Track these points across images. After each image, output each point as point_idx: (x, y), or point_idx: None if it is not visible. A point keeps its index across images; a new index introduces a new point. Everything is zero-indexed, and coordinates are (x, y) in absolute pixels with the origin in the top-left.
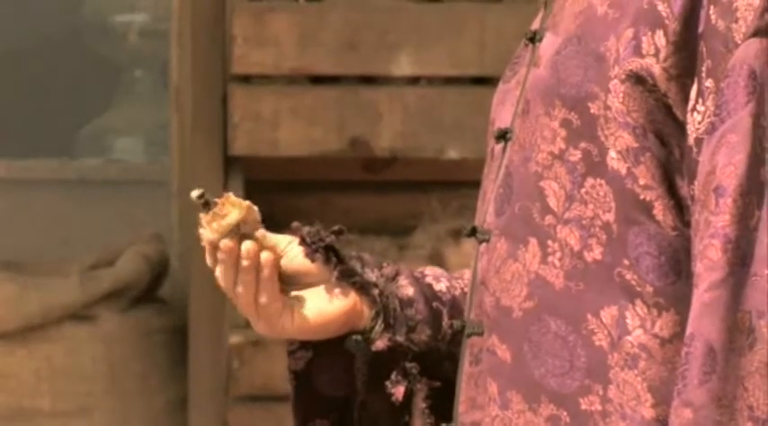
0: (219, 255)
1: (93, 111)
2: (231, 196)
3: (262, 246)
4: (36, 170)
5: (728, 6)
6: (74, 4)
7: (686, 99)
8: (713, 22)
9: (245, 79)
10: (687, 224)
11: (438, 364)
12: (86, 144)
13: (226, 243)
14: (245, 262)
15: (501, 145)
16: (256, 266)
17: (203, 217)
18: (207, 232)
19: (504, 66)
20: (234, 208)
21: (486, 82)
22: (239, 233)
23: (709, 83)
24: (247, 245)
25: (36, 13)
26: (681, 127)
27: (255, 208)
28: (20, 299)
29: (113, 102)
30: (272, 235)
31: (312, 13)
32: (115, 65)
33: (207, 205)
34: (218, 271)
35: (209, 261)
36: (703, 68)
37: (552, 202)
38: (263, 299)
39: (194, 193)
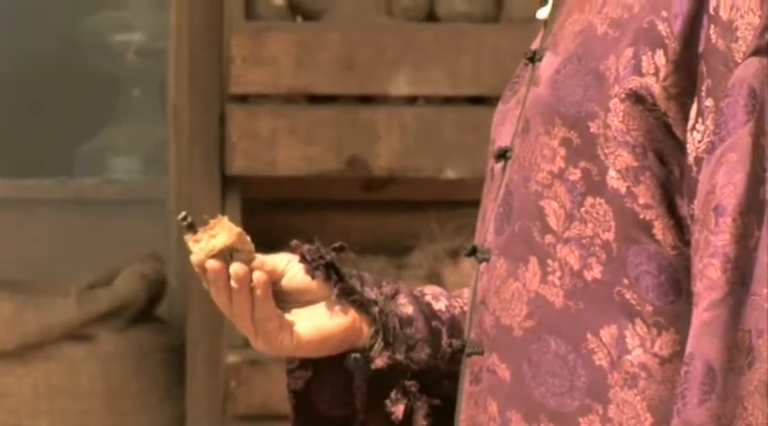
0: (208, 277)
1: (91, 131)
2: (224, 219)
3: (255, 268)
4: (34, 189)
5: (728, 26)
6: (72, 23)
7: (686, 118)
8: (713, 41)
9: (243, 98)
10: (687, 243)
11: (437, 382)
12: (84, 163)
13: (211, 264)
14: (234, 285)
15: (501, 164)
16: (249, 287)
17: (189, 238)
18: (194, 253)
19: (502, 86)
20: (223, 230)
21: (484, 101)
22: (229, 256)
23: (708, 102)
24: (235, 268)
25: (34, 31)
26: (681, 146)
27: (248, 237)
28: (18, 318)
29: (111, 121)
30: (271, 256)
31: (309, 33)
32: (113, 84)
33: (191, 227)
34: (213, 292)
35: (203, 281)
36: (703, 87)
37: (552, 221)
38: (259, 318)
39: (179, 216)
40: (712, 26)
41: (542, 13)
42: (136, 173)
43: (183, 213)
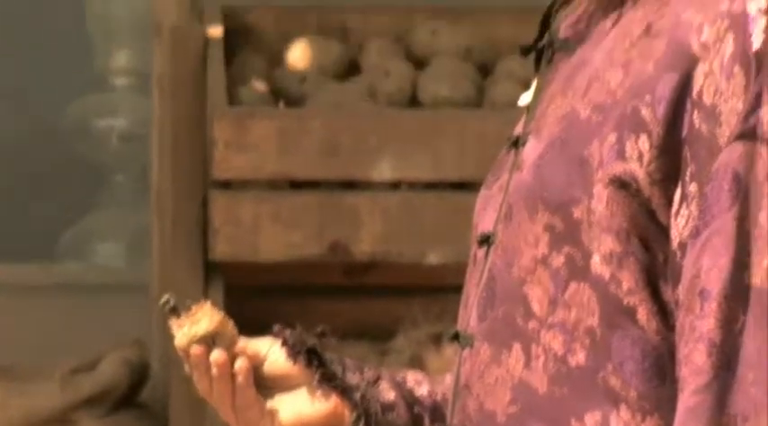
0: (190, 362)
1: (75, 216)
2: (207, 304)
3: (238, 355)
4: (17, 275)
5: (712, 111)
6: (56, 108)
7: (670, 203)
8: (697, 126)
9: (226, 184)
10: (671, 328)
11: None
12: (67, 248)
13: (194, 349)
14: (215, 371)
15: (484, 249)
16: (230, 374)
17: (173, 323)
18: (177, 338)
19: (485, 171)
20: (206, 316)
21: (467, 187)
22: (212, 341)
23: (692, 187)
24: (216, 355)
25: (18, 115)
26: (664, 231)
27: (231, 322)
28: (2, 405)
29: (94, 206)
30: (253, 341)
31: (293, 119)
32: (96, 169)
33: (174, 311)
34: (195, 377)
35: (186, 366)
36: (687, 172)
37: (536, 307)
38: (239, 406)
39: (161, 300)
40: (696, 111)
41: (525, 99)
42: (119, 259)
43: (166, 297)
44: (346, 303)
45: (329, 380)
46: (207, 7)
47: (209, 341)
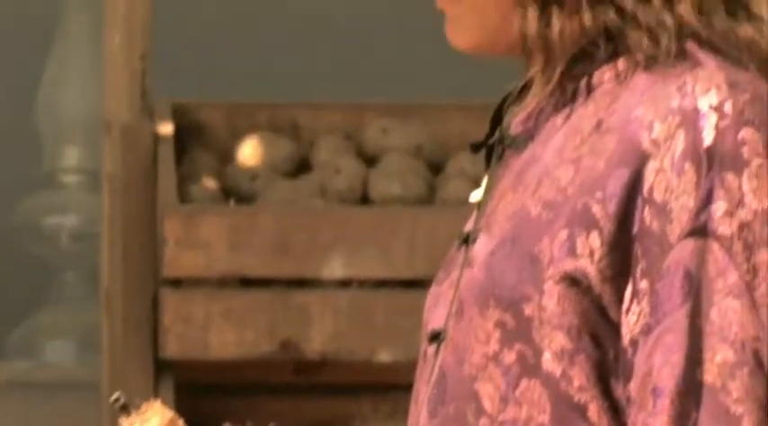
0: None
1: (24, 313)
2: (158, 403)
3: None
4: None
5: (663, 207)
6: (5, 206)
7: (621, 300)
8: (647, 222)
9: (176, 282)
10: (623, 425)
11: None
12: (17, 346)
13: None
14: None
15: (434, 346)
16: None
17: (123, 421)
18: None
19: (436, 269)
20: (156, 414)
21: (418, 285)
22: None
23: (643, 284)
24: None
25: None
26: (615, 328)
27: (182, 420)
28: None
29: (44, 304)
30: None
31: (243, 216)
32: (46, 267)
33: (125, 409)
34: None
35: None
36: (638, 269)
37: (487, 404)
38: None
39: (111, 398)
40: (647, 208)
41: (476, 196)
42: (69, 357)
43: (116, 394)
44: (297, 401)
45: None
46: (157, 105)
47: None
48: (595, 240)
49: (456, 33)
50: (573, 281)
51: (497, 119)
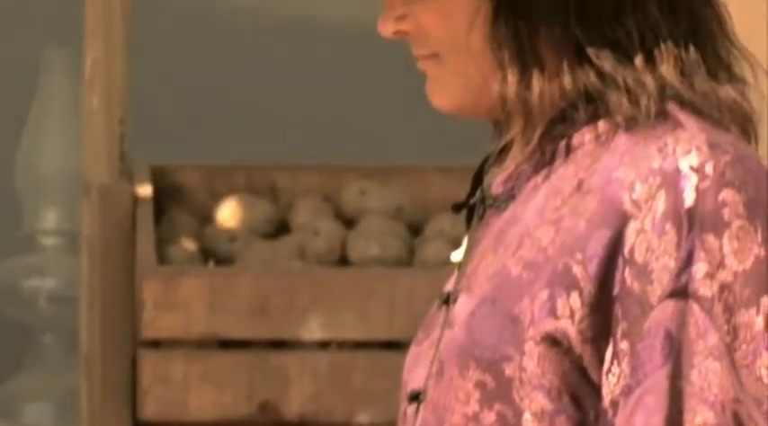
0: None
1: (2, 376)
2: None
3: None
4: None
5: (644, 268)
6: None
7: (602, 361)
8: (628, 283)
9: (155, 344)
10: None
11: None
12: None
13: None
14: None
15: (414, 406)
16: None
17: None
18: None
19: (415, 331)
20: None
21: (397, 346)
22: None
23: (624, 345)
24: None
25: None
26: (596, 389)
27: None
28: None
29: (23, 366)
30: None
31: (222, 278)
32: (24, 329)
33: None
34: None
35: None
36: (618, 330)
37: None
38: None
39: None
40: (627, 268)
41: (456, 256)
42: (47, 420)
43: None
44: None
45: None
46: (136, 166)
47: None
48: (576, 301)
49: (438, 94)
50: (554, 342)
51: (478, 180)
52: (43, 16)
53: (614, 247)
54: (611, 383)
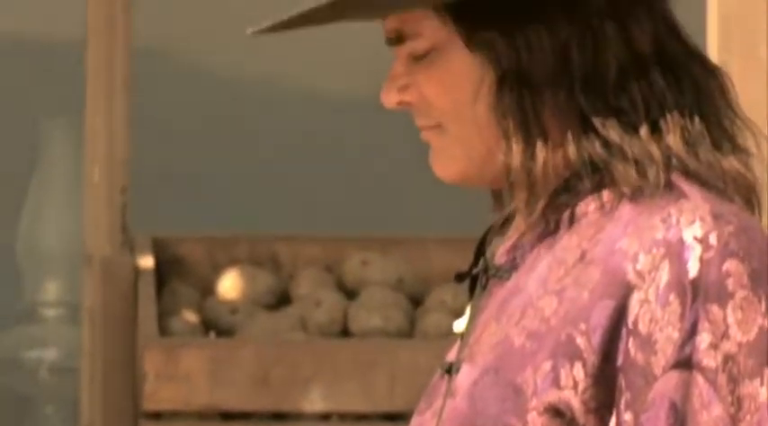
0: None
1: None
2: None
3: None
4: None
5: (647, 339)
6: None
7: None
8: (632, 354)
9: (157, 415)
10: None
11: None
12: None
13: None
14: None
15: None
16: None
17: None
18: None
19: (416, 402)
20: None
21: (398, 418)
22: None
23: (627, 416)
24: None
25: None
26: None
27: None
28: None
29: None
30: None
31: (223, 349)
32: (25, 401)
33: None
34: None
35: None
36: (622, 401)
37: None
38: None
39: None
40: (631, 339)
41: (459, 325)
42: None
43: None
44: None
45: None
46: (137, 238)
47: None
48: (579, 371)
49: (441, 165)
50: (557, 413)
51: (481, 250)
52: (43, 86)
53: (618, 318)
54: None
